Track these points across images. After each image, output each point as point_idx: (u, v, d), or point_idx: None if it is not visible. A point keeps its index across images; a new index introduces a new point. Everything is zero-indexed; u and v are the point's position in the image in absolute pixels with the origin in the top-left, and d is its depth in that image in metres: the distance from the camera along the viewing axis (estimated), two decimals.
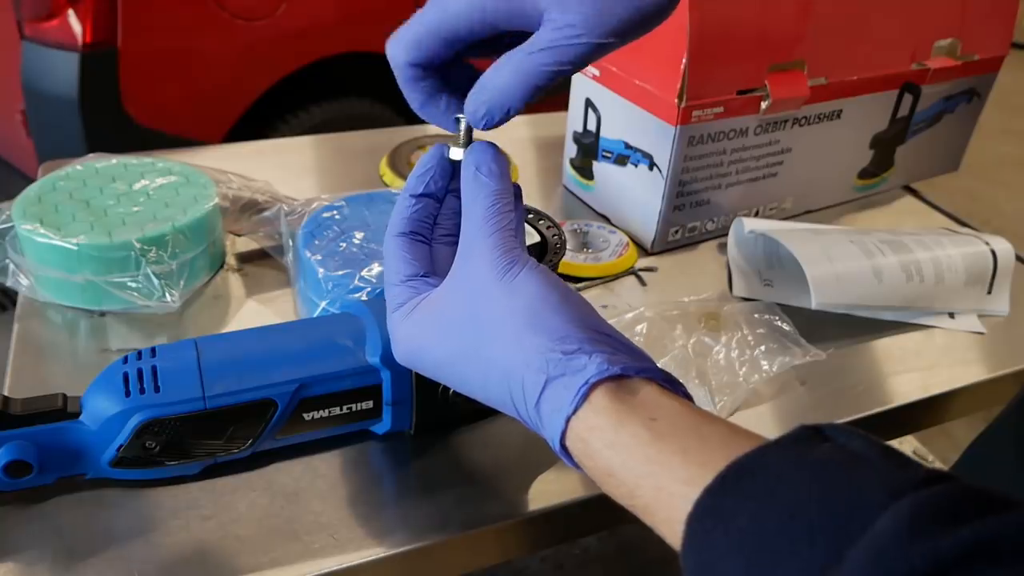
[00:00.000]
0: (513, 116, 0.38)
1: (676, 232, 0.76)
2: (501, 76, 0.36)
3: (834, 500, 0.26)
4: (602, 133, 0.77)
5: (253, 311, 0.63)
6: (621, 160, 0.75)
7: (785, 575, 0.25)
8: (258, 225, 0.68)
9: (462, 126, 0.40)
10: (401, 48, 0.38)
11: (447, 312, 0.38)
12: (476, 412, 0.53)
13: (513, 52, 0.36)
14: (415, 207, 0.41)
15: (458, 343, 0.37)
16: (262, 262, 0.69)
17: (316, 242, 0.60)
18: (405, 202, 0.41)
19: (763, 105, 0.71)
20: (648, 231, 0.75)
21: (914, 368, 0.63)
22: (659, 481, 0.31)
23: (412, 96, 0.40)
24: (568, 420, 0.33)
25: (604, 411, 0.33)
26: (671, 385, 0.35)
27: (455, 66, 0.40)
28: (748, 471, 0.28)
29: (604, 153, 0.78)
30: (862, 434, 0.29)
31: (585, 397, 0.33)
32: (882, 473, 0.27)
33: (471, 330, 0.37)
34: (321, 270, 0.57)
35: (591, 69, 0.76)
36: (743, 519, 0.27)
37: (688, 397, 0.35)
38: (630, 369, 0.34)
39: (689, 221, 0.75)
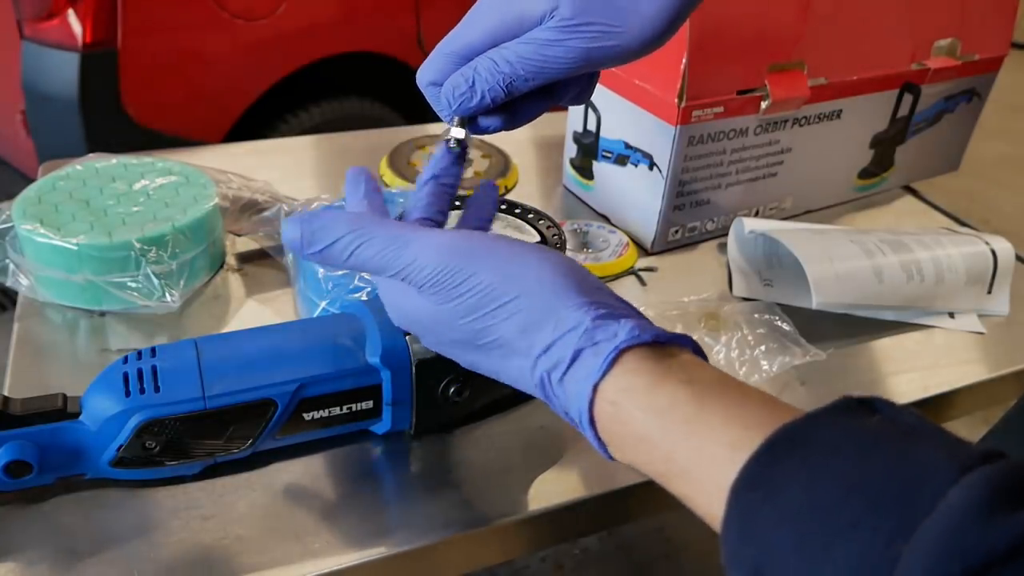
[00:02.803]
0: (488, 104, 0.39)
1: (676, 232, 0.76)
2: (483, 59, 0.39)
3: (897, 473, 0.25)
4: (602, 133, 0.77)
5: (253, 311, 0.63)
6: (621, 160, 0.75)
7: (845, 549, 0.24)
8: (258, 225, 0.68)
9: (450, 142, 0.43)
10: (424, 71, 0.41)
11: (436, 297, 0.37)
12: (476, 412, 0.53)
13: (504, 44, 0.38)
14: (426, 191, 0.42)
15: (461, 321, 0.36)
16: (262, 262, 0.69)
17: None
18: (419, 191, 0.43)
19: (763, 105, 0.71)
20: (648, 231, 0.75)
21: (914, 368, 0.63)
22: (700, 443, 0.30)
23: (440, 111, 0.42)
24: (596, 386, 0.33)
25: (637, 372, 0.32)
26: (701, 356, 0.35)
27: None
28: (799, 440, 0.27)
29: (604, 153, 0.78)
30: (909, 409, 0.28)
31: (614, 362, 0.32)
32: (944, 446, 0.26)
33: (470, 303, 0.36)
34: (321, 270, 0.57)
35: None
36: (795, 490, 0.26)
37: None
38: (662, 336, 0.33)
39: (689, 221, 0.75)
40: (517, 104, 0.42)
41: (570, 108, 0.81)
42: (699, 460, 0.30)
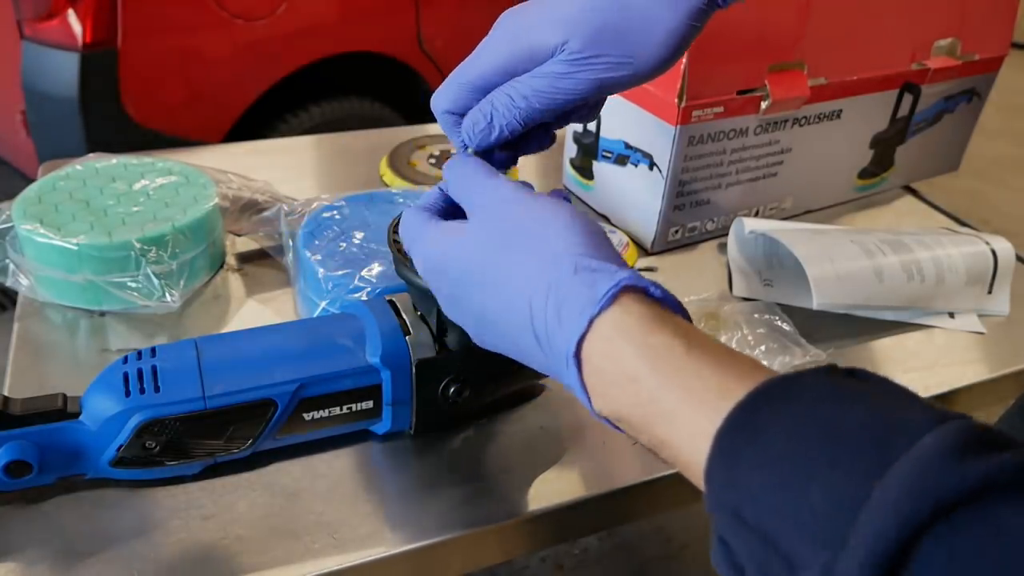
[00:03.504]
0: (506, 137, 0.41)
1: (676, 232, 0.76)
2: (500, 95, 0.40)
3: (876, 421, 0.26)
4: (602, 133, 0.77)
5: (253, 311, 0.63)
6: (621, 160, 0.75)
7: (821, 487, 0.25)
8: (258, 225, 0.68)
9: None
10: (439, 99, 0.42)
11: (474, 225, 0.38)
12: (476, 412, 0.53)
13: (517, 78, 0.40)
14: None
15: (482, 250, 0.37)
16: (262, 262, 0.69)
17: (316, 242, 0.60)
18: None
19: (763, 105, 0.71)
20: (648, 231, 0.75)
21: (914, 368, 0.63)
22: (689, 387, 0.30)
23: (454, 140, 0.43)
24: (592, 320, 0.33)
25: (637, 314, 0.32)
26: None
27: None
28: (782, 393, 0.28)
29: (604, 153, 0.78)
30: (890, 379, 0.29)
31: (614, 299, 0.33)
32: (921, 405, 0.27)
33: (497, 235, 0.37)
34: (321, 270, 0.57)
35: None
36: (777, 434, 0.27)
37: None
38: (657, 291, 0.34)
39: (689, 221, 0.75)
40: (528, 133, 0.43)
41: None
42: (687, 402, 0.30)
